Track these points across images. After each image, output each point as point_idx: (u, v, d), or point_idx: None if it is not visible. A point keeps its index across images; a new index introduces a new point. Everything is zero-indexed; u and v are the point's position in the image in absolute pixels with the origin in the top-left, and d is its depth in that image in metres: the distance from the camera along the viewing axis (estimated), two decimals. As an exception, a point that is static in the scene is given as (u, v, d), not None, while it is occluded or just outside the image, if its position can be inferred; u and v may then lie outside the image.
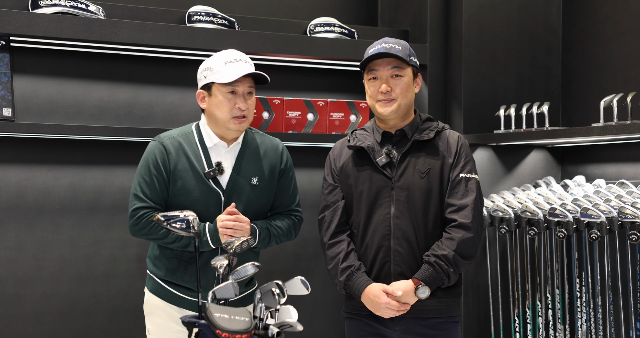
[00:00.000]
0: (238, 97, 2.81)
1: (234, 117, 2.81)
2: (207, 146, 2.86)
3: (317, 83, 4.19)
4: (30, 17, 3.32)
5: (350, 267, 2.79)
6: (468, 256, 2.74)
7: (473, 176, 2.80)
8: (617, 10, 3.96)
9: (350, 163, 2.88)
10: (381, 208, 2.79)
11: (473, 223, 2.73)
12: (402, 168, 2.79)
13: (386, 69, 2.79)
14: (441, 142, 2.83)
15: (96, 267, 3.71)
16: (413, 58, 2.83)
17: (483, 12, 4.11)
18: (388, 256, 2.77)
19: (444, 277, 2.71)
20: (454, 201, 2.77)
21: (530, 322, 3.75)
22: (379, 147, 2.84)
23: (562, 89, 4.27)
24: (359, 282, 2.77)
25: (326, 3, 4.40)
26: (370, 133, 2.90)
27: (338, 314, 4.24)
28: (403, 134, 2.84)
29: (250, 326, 2.08)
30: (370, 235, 2.80)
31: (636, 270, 3.37)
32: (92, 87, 3.71)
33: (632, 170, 3.78)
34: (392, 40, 2.82)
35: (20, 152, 3.56)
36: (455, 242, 2.71)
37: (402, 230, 2.76)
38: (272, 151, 2.97)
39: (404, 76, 2.80)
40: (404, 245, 2.76)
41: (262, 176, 2.90)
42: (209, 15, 3.74)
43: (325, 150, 4.13)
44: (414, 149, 2.81)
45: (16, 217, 3.57)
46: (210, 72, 2.81)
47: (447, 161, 2.80)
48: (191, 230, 2.37)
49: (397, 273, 2.76)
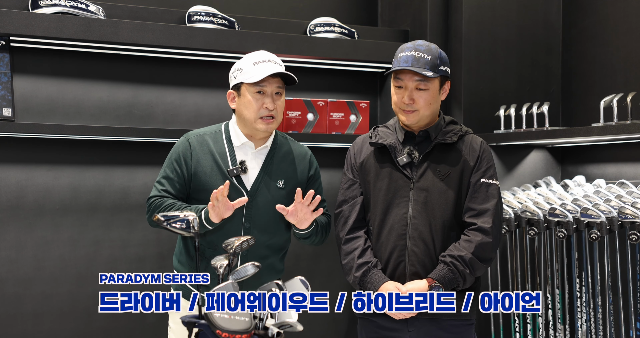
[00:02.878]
0: (266, 97, 2.83)
1: (261, 118, 2.83)
2: (235, 145, 2.88)
3: (317, 83, 4.19)
4: (30, 17, 3.32)
5: (368, 263, 2.78)
6: (485, 260, 2.72)
7: (494, 182, 2.80)
8: (617, 10, 3.95)
9: (370, 159, 2.87)
10: (398, 207, 2.78)
11: (492, 228, 2.72)
12: (423, 169, 2.78)
13: (411, 80, 2.75)
14: (464, 146, 2.82)
15: (96, 267, 3.71)
16: (443, 67, 2.77)
17: (483, 12, 4.10)
18: (403, 256, 2.77)
19: (459, 278, 2.70)
20: (474, 206, 2.76)
21: (530, 322, 3.75)
22: (400, 146, 2.83)
23: (562, 89, 4.27)
24: (376, 279, 2.76)
25: (326, 3, 4.40)
26: (393, 131, 2.88)
27: (338, 314, 4.24)
28: (426, 135, 2.83)
29: (250, 326, 2.08)
30: (386, 234, 2.79)
31: (636, 270, 3.37)
32: (92, 87, 3.72)
33: (632, 170, 3.78)
34: (423, 48, 2.75)
35: (20, 152, 3.56)
36: (473, 245, 2.70)
37: (418, 230, 2.75)
38: (300, 157, 2.99)
39: (428, 89, 2.76)
40: (420, 245, 2.75)
41: (288, 180, 2.92)
42: (209, 15, 3.74)
43: (326, 150, 4.16)
44: (435, 151, 2.80)
45: (16, 217, 3.57)
46: (239, 73, 2.84)
47: (468, 165, 2.79)
48: (191, 230, 2.37)
49: (411, 273, 2.76)
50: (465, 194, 2.79)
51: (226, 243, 2.43)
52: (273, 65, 2.82)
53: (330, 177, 4.24)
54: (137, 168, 3.78)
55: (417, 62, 2.72)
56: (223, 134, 2.91)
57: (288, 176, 2.92)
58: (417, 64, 2.72)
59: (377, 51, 4.01)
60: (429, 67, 2.72)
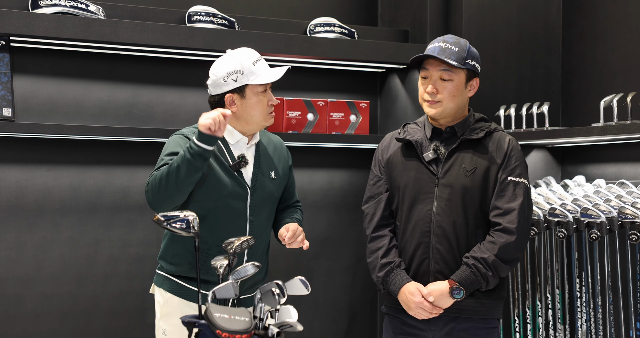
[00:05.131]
0: (269, 94, 2.87)
1: (269, 114, 2.87)
2: (230, 143, 2.88)
3: (317, 83, 4.19)
4: (30, 17, 3.32)
5: (390, 263, 2.78)
6: (509, 261, 2.70)
7: (522, 181, 2.75)
8: (617, 10, 3.95)
9: (397, 155, 2.87)
10: (423, 203, 2.77)
11: (518, 228, 2.68)
12: (448, 165, 2.77)
13: (436, 70, 2.76)
14: (491, 143, 2.79)
15: (96, 267, 3.71)
16: (471, 61, 2.76)
17: (483, 12, 4.10)
18: (427, 253, 2.75)
19: (482, 281, 2.68)
20: (500, 204, 2.73)
21: (530, 322, 3.75)
22: (427, 142, 2.82)
23: (562, 89, 4.27)
24: (398, 279, 2.76)
25: (326, 3, 4.40)
26: (421, 127, 2.88)
27: (338, 314, 4.25)
28: (453, 131, 2.81)
29: (250, 326, 2.08)
30: (410, 230, 2.79)
31: (636, 270, 3.37)
32: (92, 87, 3.71)
33: (632, 170, 3.78)
34: (452, 40, 2.76)
35: (20, 152, 3.56)
36: (497, 246, 2.67)
37: (442, 228, 2.74)
38: (279, 147, 3.04)
39: (452, 79, 2.75)
40: (444, 243, 2.73)
41: (277, 170, 2.96)
42: (209, 15, 3.74)
43: (325, 150, 4.16)
44: (462, 147, 2.78)
45: (16, 217, 3.57)
46: (241, 75, 2.81)
47: (495, 162, 2.76)
48: (191, 230, 2.37)
49: (435, 271, 2.74)
50: (492, 192, 2.75)
51: (226, 243, 2.43)
52: (265, 62, 2.87)
53: (330, 177, 4.24)
54: (137, 168, 3.78)
55: (443, 52, 2.72)
56: None
57: (276, 167, 2.97)
58: (442, 53, 2.72)
59: (377, 51, 4.01)
60: (454, 58, 2.72)
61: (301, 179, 3.72)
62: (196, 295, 2.80)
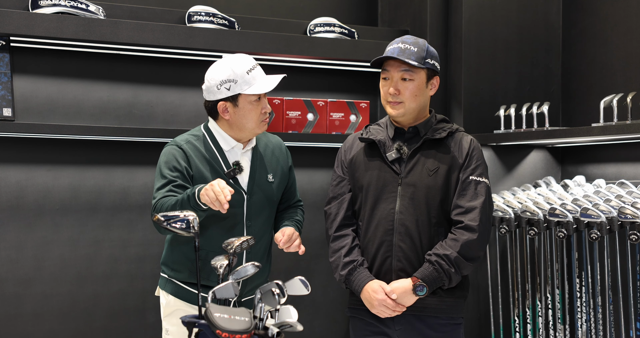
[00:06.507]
0: (262, 101, 2.85)
1: (262, 122, 2.86)
2: (224, 149, 2.87)
3: (317, 83, 4.19)
4: (30, 17, 3.32)
5: (353, 262, 2.79)
6: (471, 258, 2.72)
7: (483, 180, 2.79)
8: (617, 10, 3.95)
9: (360, 156, 2.88)
10: (386, 202, 2.79)
11: (479, 226, 2.72)
12: (411, 165, 2.79)
13: (397, 71, 2.78)
14: (453, 143, 2.82)
15: (96, 267, 3.71)
16: (430, 60, 2.78)
17: (483, 12, 4.11)
18: (390, 252, 2.77)
19: (445, 277, 2.70)
20: (462, 203, 2.76)
21: (530, 322, 3.75)
22: (390, 142, 2.84)
23: (562, 89, 4.27)
24: (361, 277, 2.77)
25: (326, 3, 4.40)
26: (384, 128, 2.90)
27: (338, 314, 4.24)
28: (416, 131, 2.83)
29: (250, 326, 2.08)
30: (373, 229, 2.80)
31: (636, 270, 3.37)
32: (92, 87, 3.72)
33: (632, 170, 3.78)
34: (410, 40, 2.78)
35: (20, 152, 3.56)
36: (459, 243, 2.70)
37: (405, 226, 2.76)
38: (278, 148, 3.03)
39: (414, 79, 2.77)
40: (407, 241, 2.75)
41: (275, 172, 2.96)
42: (209, 15, 3.74)
43: (325, 150, 4.16)
44: (424, 147, 2.81)
45: (16, 217, 3.57)
46: (234, 84, 2.78)
47: (457, 162, 2.79)
48: (191, 230, 2.37)
49: (398, 269, 2.76)
50: (454, 191, 2.78)
51: (226, 243, 2.43)
52: (261, 69, 2.84)
53: (330, 177, 4.23)
54: (137, 168, 3.78)
55: (403, 53, 2.74)
56: (208, 139, 2.88)
57: (274, 169, 2.96)
58: (402, 54, 2.74)
59: (377, 51, 3.97)
60: (414, 58, 2.74)
61: (301, 179, 3.71)
62: (199, 298, 2.82)
